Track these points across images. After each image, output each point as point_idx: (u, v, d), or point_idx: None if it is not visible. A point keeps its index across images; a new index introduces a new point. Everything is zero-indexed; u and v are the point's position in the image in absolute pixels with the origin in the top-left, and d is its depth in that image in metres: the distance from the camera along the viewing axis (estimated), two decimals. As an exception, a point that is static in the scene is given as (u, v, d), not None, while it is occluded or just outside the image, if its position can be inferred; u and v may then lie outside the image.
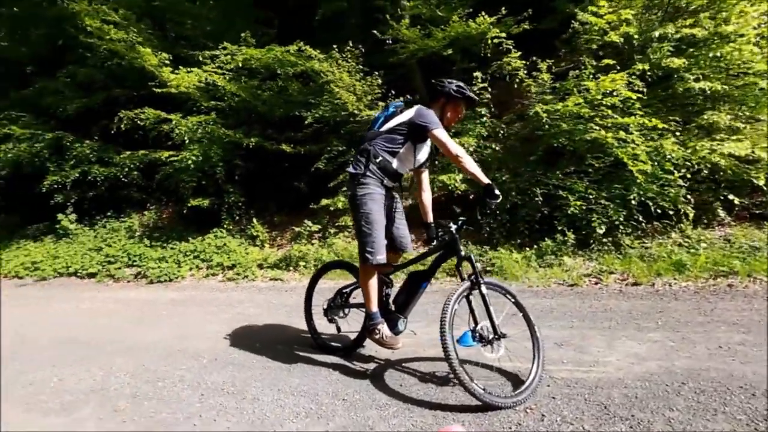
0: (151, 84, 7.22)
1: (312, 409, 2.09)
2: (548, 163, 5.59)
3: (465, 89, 2.37)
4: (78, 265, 6.37)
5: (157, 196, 8.42)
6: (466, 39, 6.36)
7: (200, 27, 8.71)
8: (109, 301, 4.88)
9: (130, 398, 2.36)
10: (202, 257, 6.28)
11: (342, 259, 3.38)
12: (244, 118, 7.59)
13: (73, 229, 7.69)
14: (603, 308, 3.25)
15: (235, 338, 3.18)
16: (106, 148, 8.13)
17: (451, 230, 2.25)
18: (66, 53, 9.10)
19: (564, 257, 4.71)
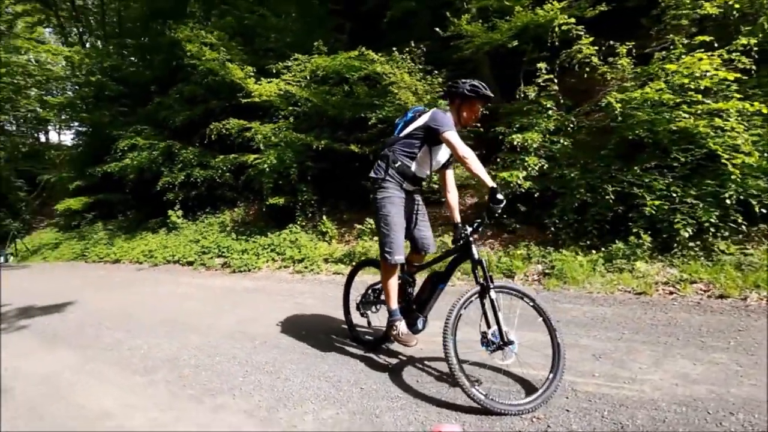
0: (239, 95, 8.13)
1: (331, 393, 2.26)
2: (625, 158, 5.06)
3: (479, 88, 2.32)
4: (180, 254, 7.50)
5: (245, 195, 9.45)
6: (537, 28, 6.00)
7: (282, 39, 9.50)
8: (199, 286, 5.69)
9: (192, 368, 2.79)
10: (277, 251, 6.92)
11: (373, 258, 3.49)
12: (316, 122, 8.14)
13: (180, 223, 9.04)
14: (667, 321, 2.90)
15: (286, 325, 3.52)
16: (205, 153, 9.37)
17: (466, 233, 2.23)
18: (177, 73, 10.66)
19: (636, 262, 4.24)
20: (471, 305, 2.13)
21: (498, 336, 2.05)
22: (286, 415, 2.09)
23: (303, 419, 2.04)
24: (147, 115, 10.92)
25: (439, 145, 2.41)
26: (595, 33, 5.72)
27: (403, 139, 2.45)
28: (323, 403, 2.17)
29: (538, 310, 2.09)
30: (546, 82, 5.56)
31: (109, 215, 11.84)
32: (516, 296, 2.13)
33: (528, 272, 4.77)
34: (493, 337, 2.06)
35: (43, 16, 15.07)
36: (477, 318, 2.13)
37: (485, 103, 2.48)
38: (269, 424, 2.03)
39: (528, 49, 6.51)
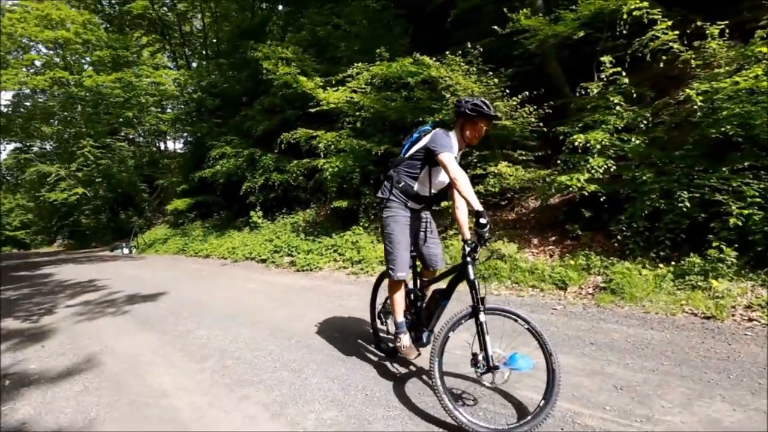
0: (310, 104, 8.74)
1: (338, 396, 2.43)
2: (712, 158, 4.40)
3: (481, 107, 2.28)
4: (256, 252, 8.35)
5: (317, 196, 10.13)
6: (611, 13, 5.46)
7: (351, 47, 9.93)
8: (264, 283, 6.32)
9: (235, 359, 3.18)
10: (339, 252, 7.33)
11: None
12: (378, 126, 8.40)
13: (260, 222, 10.03)
14: (727, 355, 2.51)
15: (323, 326, 3.79)
16: (281, 159, 10.24)
17: (464, 254, 2.20)
18: (260, 86, 11.80)
19: (714, 280, 3.68)
20: (460, 327, 2.11)
21: (484, 361, 2.01)
22: (294, 411, 2.31)
23: (306, 418, 2.24)
24: (236, 126, 12.28)
25: (438, 166, 2.42)
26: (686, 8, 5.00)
27: (407, 160, 2.52)
28: (328, 405, 2.35)
29: (533, 333, 1.99)
30: (613, 76, 5.05)
31: (206, 214, 13.59)
32: (510, 318, 2.06)
33: (583, 285, 4.43)
34: (483, 360, 2.03)
35: (161, 44, 17.76)
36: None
37: (489, 122, 2.41)
38: (277, 418, 2.26)
39: (603, 37, 5.96)
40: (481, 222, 2.01)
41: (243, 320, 4.23)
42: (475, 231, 2.05)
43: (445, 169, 2.23)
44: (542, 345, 1.97)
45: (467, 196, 2.10)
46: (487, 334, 2.02)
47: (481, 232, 2.03)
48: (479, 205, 2.04)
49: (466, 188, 2.12)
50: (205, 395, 2.63)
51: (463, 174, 2.17)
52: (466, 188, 2.12)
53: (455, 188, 2.20)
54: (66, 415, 2.48)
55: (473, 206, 2.06)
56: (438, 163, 2.29)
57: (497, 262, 5.41)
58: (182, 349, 3.57)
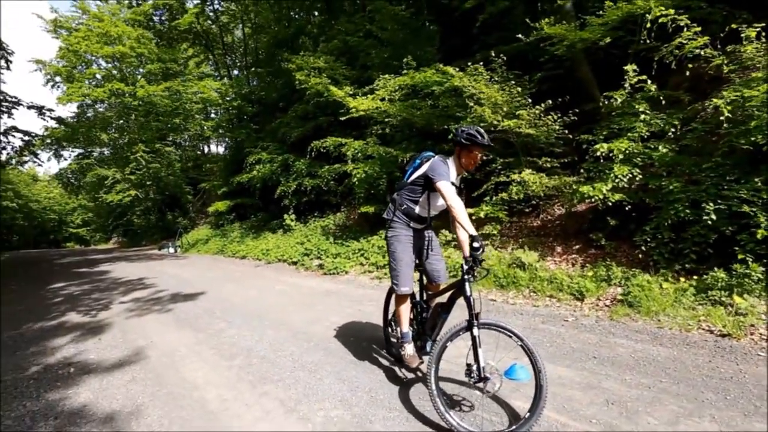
0: (341, 111, 9.08)
1: (346, 396, 2.67)
2: (745, 168, 4.25)
3: (476, 137, 2.43)
4: (288, 255, 8.80)
5: (348, 200, 10.48)
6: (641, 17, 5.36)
7: (380, 55, 10.17)
8: (292, 285, 6.70)
9: (259, 358, 3.50)
10: (365, 256, 7.60)
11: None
12: (406, 133, 8.59)
13: (293, 225, 10.52)
14: (730, 375, 2.50)
15: (341, 330, 4.04)
16: (314, 164, 10.67)
17: (463, 271, 2.35)
18: (295, 94, 12.32)
19: (737, 297, 3.59)
20: (458, 338, 2.27)
21: (476, 372, 2.16)
22: (306, 408, 2.57)
23: (316, 414, 2.49)
24: (272, 132, 12.89)
25: (436, 192, 2.58)
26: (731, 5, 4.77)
27: (409, 185, 2.73)
28: (336, 404, 2.59)
29: (525, 349, 2.10)
30: (639, 84, 4.95)
31: (244, 216, 14.35)
32: (504, 333, 2.18)
33: (601, 296, 4.41)
34: (474, 372, 2.18)
35: (205, 55, 18.90)
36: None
37: (483, 149, 2.55)
38: (291, 413, 2.53)
39: (635, 39, 5.84)
40: (475, 246, 2.18)
41: (269, 321, 4.57)
42: (471, 254, 2.20)
43: (443, 196, 2.40)
44: (533, 362, 2.08)
45: (462, 222, 2.27)
46: (480, 347, 2.17)
47: (475, 255, 2.20)
48: (473, 230, 2.19)
49: (460, 215, 2.29)
50: (231, 390, 2.95)
51: (458, 201, 2.35)
52: (460, 215, 2.29)
53: (452, 215, 2.37)
54: (118, 401, 2.88)
55: (467, 231, 2.21)
56: (436, 190, 2.46)
57: (517, 270, 5.46)
58: (214, 346, 3.94)
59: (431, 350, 2.71)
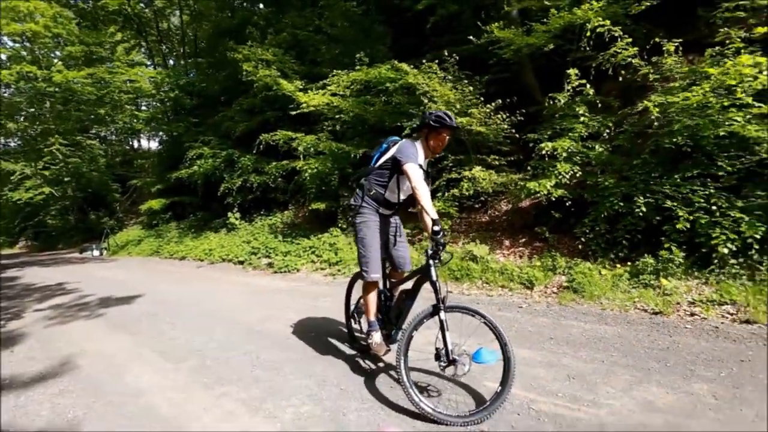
0: (290, 107, 8.78)
1: (314, 391, 2.56)
2: (667, 166, 4.74)
3: (444, 119, 2.46)
4: (234, 254, 8.34)
5: (296, 198, 10.17)
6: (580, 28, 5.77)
7: (331, 51, 10.02)
8: (242, 284, 6.35)
9: (212, 359, 3.25)
10: (317, 253, 7.41)
11: None
12: (359, 130, 8.53)
13: (237, 224, 10.00)
14: (667, 346, 2.78)
15: (299, 326, 3.89)
16: (260, 160, 10.23)
17: (427, 255, 2.36)
18: (240, 87, 11.72)
19: (664, 279, 4.00)
20: (422, 326, 2.27)
21: (445, 355, 2.18)
22: (272, 406, 2.43)
23: (284, 412, 2.35)
24: (214, 126, 12.16)
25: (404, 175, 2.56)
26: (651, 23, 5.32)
27: (377, 170, 2.69)
28: (305, 400, 2.47)
29: (489, 326, 2.14)
30: (579, 87, 5.36)
31: (182, 215, 13.39)
32: (468, 314, 2.22)
33: (548, 284, 4.69)
34: (443, 355, 2.19)
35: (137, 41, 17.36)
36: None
37: (451, 132, 2.59)
38: (256, 412, 2.37)
39: (572, 48, 6.29)
40: (435, 229, 2.19)
41: (220, 321, 4.28)
42: (431, 237, 2.21)
43: (409, 178, 2.38)
44: (498, 336, 2.12)
45: (424, 205, 2.26)
46: (448, 330, 2.19)
47: (435, 238, 2.20)
48: (434, 214, 2.20)
49: (423, 198, 2.29)
50: (184, 393, 2.70)
51: (423, 185, 2.35)
52: (423, 198, 2.29)
53: (415, 197, 2.36)
54: (41, 418, 2.50)
55: (429, 214, 2.22)
56: (403, 172, 2.45)
57: (470, 263, 5.64)
58: (159, 350, 3.60)
59: (399, 338, 2.70)
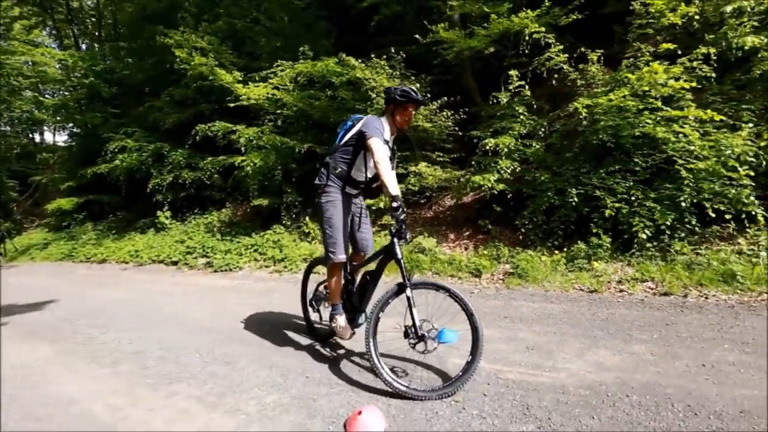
0: (228, 99, 8.29)
1: (278, 381, 2.43)
2: (593, 162, 5.24)
3: (410, 93, 2.47)
4: (165, 254, 7.66)
5: (234, 196, 9.61)
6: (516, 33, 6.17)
7: (271, 44, 9.65)
8: (177, 284, 5.86)
9: (156, 359, 2.95)
10: (259, 251, 7.07)
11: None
12: (303, 125, 8.31)
13: (168, 223, 9.20)
14: (606, 317, 3.07)
15: (251, 321, 3.68)
16: (194, 155, 9.53)
17: (390, 235, 2.36)
18: (169, 76, 10.83)
19: (595, 262, 4.41)
20: (388, 306, 2.28)
21: (414, 332, 2.20)
22: (232, 400, 2.26)
23: (247, 404, 2.20)
24: (138, 117, 11.09)
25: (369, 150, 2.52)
26: (575, 38, 5.89)
27: (342, 147, 2.60)
28: (269, 390, 2.34)
29: (455, 298, 2.18)
30: (518, 88, 5.75)
31: (100, 216, 12.01)
32: (432, 289, 2.26)
33: (494, 272, 4.95)
34: (411, 332, 2.21)
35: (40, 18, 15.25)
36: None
37: (417, 107, 2.60)
38: (215, 407, 2.19)
39: (508, 54, 6.71)
40: (394, 206, 2.17)
41: (159, 322, 3.90)
42: (390, 214, 2.20)
43: (372, 152, 2.33)
44: (464, 307, 2.16)
45: (385, 180, 2.22)
46: (414, 307, 2.21)
47: (394, 215, 2.19)
48: (395, 190, 2.19)
49: (385, 172, 2.23)
50: (125, 397, 2.42)
51: (386, 159, 2.29)
52: (385, 172, 2.23)
53: (377, 171, 2.30)
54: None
55: (389, 190, 2.19)
56: (367, 146, 2.39)
57: (419, 255, 5.76)
58: (87, 355, 3.19)
59: (367, 319, 2.65)
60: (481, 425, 1.81)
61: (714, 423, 1.68)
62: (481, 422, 1.83)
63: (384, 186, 2.24)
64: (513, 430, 1.75)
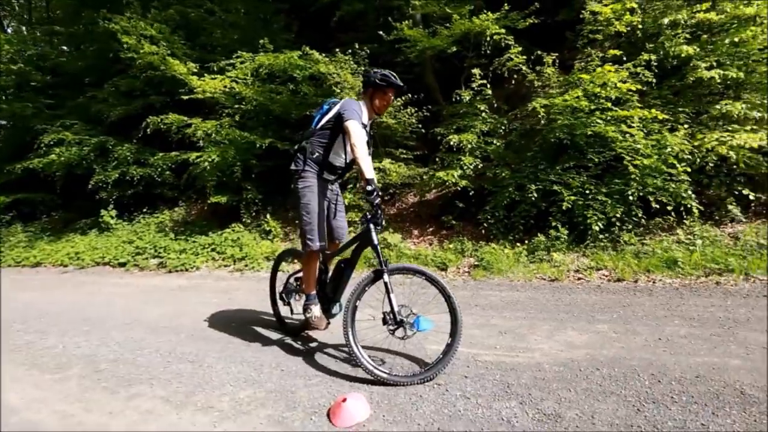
0: (181, 91, 7.84)
1: (251, 376, 2.32)
2: (549, 159, 5.50)
3: (389, 77, 2.46)
4: (111, 255, 7.10)
5: (188, 194, 9.09)
6: (476, 35, 6.35)
7: (228, 36, 9.26)
8: (130, 285, 5.45)
9: (111, 362, 2.71)
10: (218, 250, 6.75)
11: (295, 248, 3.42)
12: (263, 120, 8.04)
13: (113, 223, 8.53)
14: (569, 302, 3.24)
15: (215, 319, 3.50)
16: (143, 150, 8.92)
17: (365, 221, 2.35)
18: (114, 65, 10.07)
19: (554, 254, 4.64)
20: (365, 294, 2.26)
21: (392, 318, 2.19)
22: (203, 397, 2.13)
23: (219, 400, 2.08)
24: (78, 109, 10.21)
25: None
26: (530, 42, 6.18)
27: (319, 131, 2.53)
28: (242, 385, 2.22)
29: (432, 281, 2.20)
30: (480, 87, 5.93)
31: (31, 216, 10.91)
32: (410, 274, 2.28)
33: (460, 265, 5.06)
34: (390, 318, 2.20)
35: (-45, -4, 13.63)
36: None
37: (397, 91, 2.58)
38: (184, 406, 2.05)
39: (468, 55, 6.90)
40: (368, 189, 2.14)
41: (111, 324, 3.59)
42: (365, 198, 2.17)
43: (349, 134, 2.27)
44: (441, 290, 2.17)
45: (360, 163, 2.18)
46: (393, 293, 2.20)
47: (369, 199, 2.17)
48: (370, 174, 2.15)
49: (361, 154, 2.19)
50: (76, 402, 2.20)
51: (362, 142, 2.24)
52: (361, 154, 2.19)
53: (353, 153, 2.26)
54: None
55: (364, 173, 2.15)
56: (344, 129, 2.33)
57: (385, 250, 5.76)
58: (25, 362, 2.87)
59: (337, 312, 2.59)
60: (465, 405, 1.83)
61: (676, 387, 1.83)
62: (466, 402, 1.85)
63: (359, 169, 2.19)
64: (497, 406, 1.79)
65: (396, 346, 2.36)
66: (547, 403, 1.77)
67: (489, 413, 1.75)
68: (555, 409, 1.73)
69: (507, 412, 1.74)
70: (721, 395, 1.74)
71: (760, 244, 4.04)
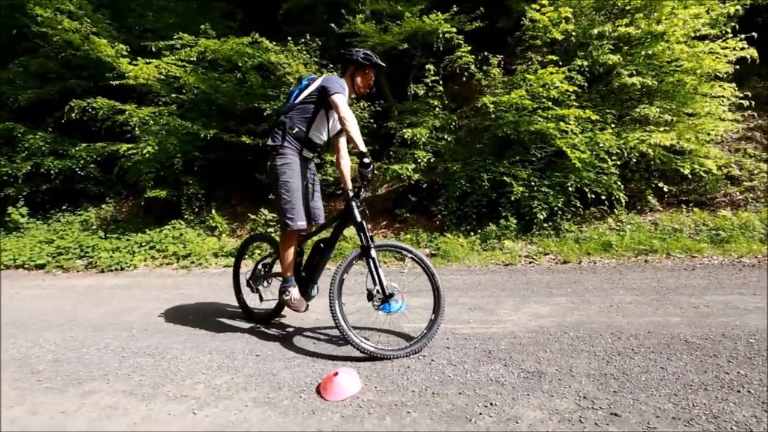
0: (108, 75, 7.11)
1: (225, 363, 2.19)
2: (497, 153, 5.83)
3: (371, 56, 2.47)
4: (26, 257, 6.23)
5: (117, 189, 8.26)
6: (424, 34, 6.54)
7: (163, 20, 8.58)
8: (54, 287, 4.83)
9: (50, 363, 2.39)
10: (157, 248, 6.22)
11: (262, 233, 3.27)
12: (204, 110, 7.55)
13: (24, 222, 7.48)
14: (526, 281, 3.47)
15: (169, 313, 3.24)
16: (61, 140, 7.94)
17: (348, 197, 2.34)
18: (21, 42, 8.85)
19: (505, 241, 4.93)
20: (352, 269, 2.27)
21: (380, 292, 2.21)
22: (173, 388, 1.96)
23: (194, 389, 1.94)
24: (-25, 91, 8.81)
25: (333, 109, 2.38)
26: (475, 45, 6.51)
27: (299, 106, 2.44)
28: (216, 372, 2.09)
29: (416, 260, 2.27)
30: (433, 83, 6.13)
31: None
32: (396, 251, 2.32)
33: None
34: (377, 293, 2.22)
35: None
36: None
37: (377, 71, 2.57)
38: (153, 398, 1.88)
39: (417, 54, 7.08)
40: (365, 162, 2.13)
41: (40, 326, 3.16)
42: (359, 171, 2.16)
43: (336, 108, 2.23)
44: (425, 269, 2.26)
45: (354, 136, 2.16)
46: (380, 268, 2.22)
47: (365, 172, 2.15)
48: (364, 147, 2.15)
49: (353, 128, 2.18)
50: (17, 406, 1.91)
51: (352, 115, 2.23)
52: (353, 128, 2.18)
53: (344, 128, 2.23)
54: None
55: (359, 147, 2.14)
56: (330, 103, 2.29)
57: (341, 242, 5.72)
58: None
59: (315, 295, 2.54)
60: (453, 371, 1.90)
61: (634, 342, 2.06)
62: (453, 368, 1.92)
63: (353, 143, 2.15)
64: (483, 369, 1.88)
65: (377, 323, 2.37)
66: (528, 363, 1.89)
67: (477, 376, 1.83)
68: (536, 367, 1.86)
69: (494, 373, 1.84)
70: (671, 344, 2.00)
71: (674, 229, 4.65)
